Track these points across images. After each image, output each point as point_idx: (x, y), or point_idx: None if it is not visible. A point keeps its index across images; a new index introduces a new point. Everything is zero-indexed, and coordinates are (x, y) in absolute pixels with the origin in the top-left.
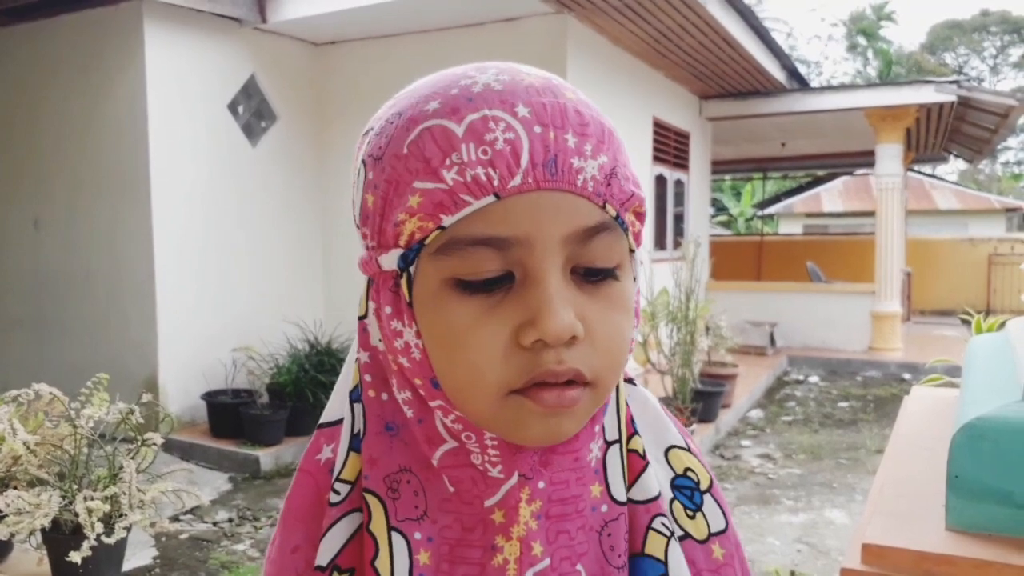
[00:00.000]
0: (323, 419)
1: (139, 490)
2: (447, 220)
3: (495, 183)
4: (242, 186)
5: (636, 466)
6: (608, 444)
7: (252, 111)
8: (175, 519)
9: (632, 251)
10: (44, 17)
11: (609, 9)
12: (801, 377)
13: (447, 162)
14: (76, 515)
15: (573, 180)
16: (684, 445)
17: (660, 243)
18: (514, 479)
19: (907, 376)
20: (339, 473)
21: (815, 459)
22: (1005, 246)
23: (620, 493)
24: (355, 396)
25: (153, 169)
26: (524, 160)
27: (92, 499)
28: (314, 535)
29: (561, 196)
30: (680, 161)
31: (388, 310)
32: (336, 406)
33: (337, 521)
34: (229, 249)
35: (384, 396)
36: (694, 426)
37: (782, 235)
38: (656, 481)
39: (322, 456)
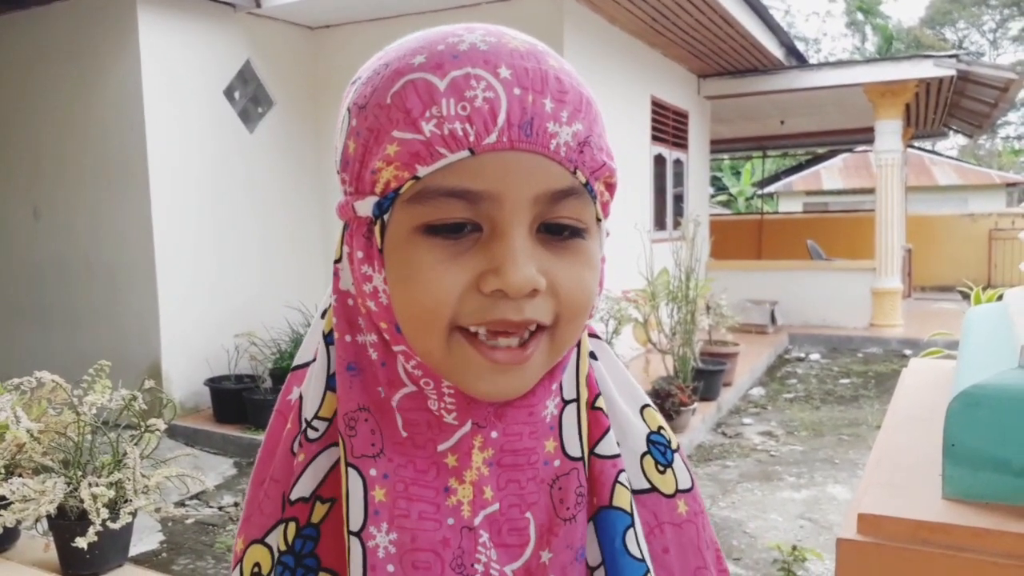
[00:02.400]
0: (295, 362)
1: (143, 476)
2: (422, 170)
3: (471, 138)
4: (240, 172)
5: (603, 424)
6: (565, 402)
7: (248, 97)
8: (181, 504)
9: (599, 220)
10: (37, 4)
11: None
12: (802, 354)
13: (427, 114)
14: (81, 501)
15: (547, 143)
16: (654, 406)
17: (660, 223)
18: (467, 427)
19: (908, 352)
20: (317, 411)
21: (817, 436)
22: (1006, 221)
23: (575, 449)
24: (330, 339)
25: (151, 156)
26: (501, 119)
27: (97, 485)
28: (280, 469)
29: (533, 158)
30: (679, 140)
31: (360, 255)
32: (306, 349)
33: (317, 455)
34: (229, 235)
35: (348, 338)
36: (695, 404)
37: (782, 213)
38: (615, 442)
39: (293, 396)
